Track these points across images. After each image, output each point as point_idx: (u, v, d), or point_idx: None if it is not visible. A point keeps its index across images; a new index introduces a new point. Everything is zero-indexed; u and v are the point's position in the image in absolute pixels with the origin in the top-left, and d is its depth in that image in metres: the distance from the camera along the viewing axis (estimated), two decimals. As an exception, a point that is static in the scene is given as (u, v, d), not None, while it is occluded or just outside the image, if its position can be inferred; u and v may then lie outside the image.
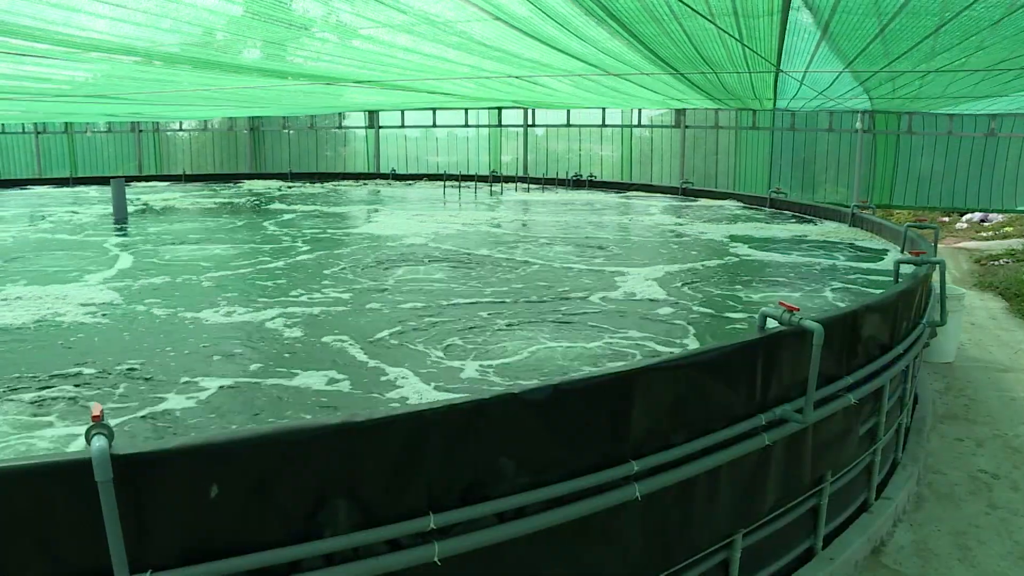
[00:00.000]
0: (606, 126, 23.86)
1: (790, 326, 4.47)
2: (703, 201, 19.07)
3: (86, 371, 6.15)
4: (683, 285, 9.24)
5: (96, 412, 2.73)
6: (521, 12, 6.04)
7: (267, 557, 2.89)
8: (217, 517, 2.87)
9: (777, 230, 14.10)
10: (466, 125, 25.58)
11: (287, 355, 6.54)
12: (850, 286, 9.30)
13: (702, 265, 10.63)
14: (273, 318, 7.70)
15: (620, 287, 9.07)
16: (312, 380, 5.88)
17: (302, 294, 8.79)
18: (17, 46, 6.93)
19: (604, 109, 23.30)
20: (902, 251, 10.32)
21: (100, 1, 5.50)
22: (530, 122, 24.91)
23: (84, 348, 6.81)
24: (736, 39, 7.31)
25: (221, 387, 5.74)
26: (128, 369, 6.16)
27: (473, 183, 22.91)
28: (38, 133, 27.92)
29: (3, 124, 27.48)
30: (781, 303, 4.57)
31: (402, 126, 26.43)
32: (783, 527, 4.89)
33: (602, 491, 3.64)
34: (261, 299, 8.53)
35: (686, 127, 22.76)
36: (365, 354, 6.54)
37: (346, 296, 8.69)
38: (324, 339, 6.95)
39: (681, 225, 14.80)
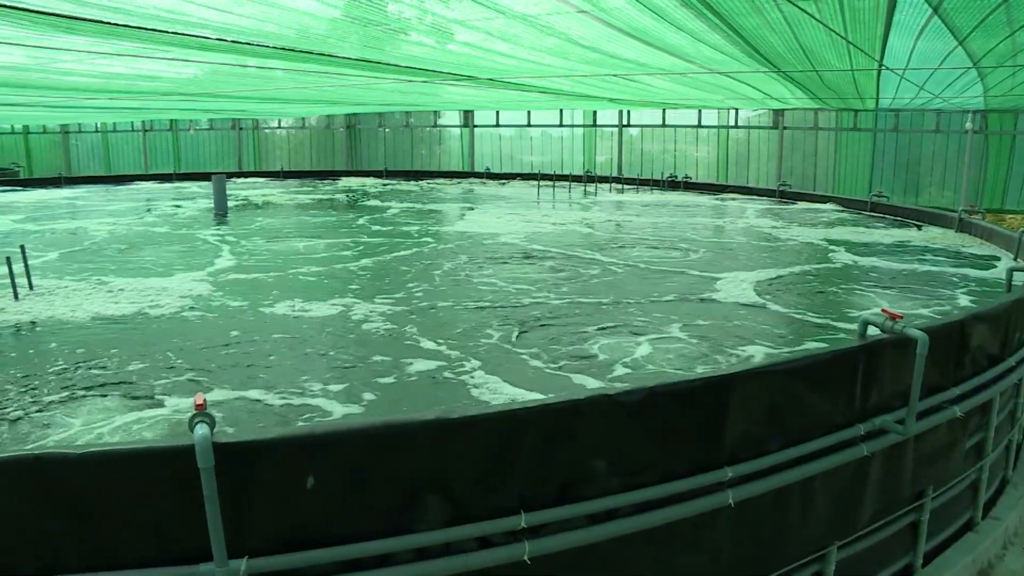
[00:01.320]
0: (702, 127, 23.56)
1: (892, 334, 4.32)
2: (801, 204, 18.60)
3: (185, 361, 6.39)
4: (780, 290, 9.04)
5: (199, 401, 2.83)
6: (619, 7, 6.01)
7: (360, 549, 2.95)
8: (313, 507, 2.94)
9: (879, 235, 13.64)
10: (560, 125, 25.59)
11: (419, 350, 6.66)
12: (957, 294, 8.93)
13: (799, 270, 10.38)
14: (379, 312, 7.86)
15: (717, 291, 8.93)
16: (474, 379, 6.00)
17: (404, 289, 8.95)
18: (132, 48, 7.26)
19: (700, 110, 23.00)
20: (1015, 258, 9.86)
21: (208, 7, 5.71)
22: (625, 122, 24.77)
23: (188, 337, 7.07)
24: (840, 35, 7.11)
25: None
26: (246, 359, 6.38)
27: (567, 183, 22.90)
28: (145, 131, 29.35)
29: (115, 123, 28.93)
30: (884, 310, 4.42)
31: (497, 125, 26.61)
32: (880, 542, 4.74)
33: (695, 496, 3.59)
34: (364, 293, 8.72)
35: (784, 128, 22.26)
36: (490, 348, 6.64)
37: (448, 292, 8.80)
38: (447, 335, 7.06)
39: (778, 228, 14.46)
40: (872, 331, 4.43)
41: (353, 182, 25.12)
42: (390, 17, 6.56)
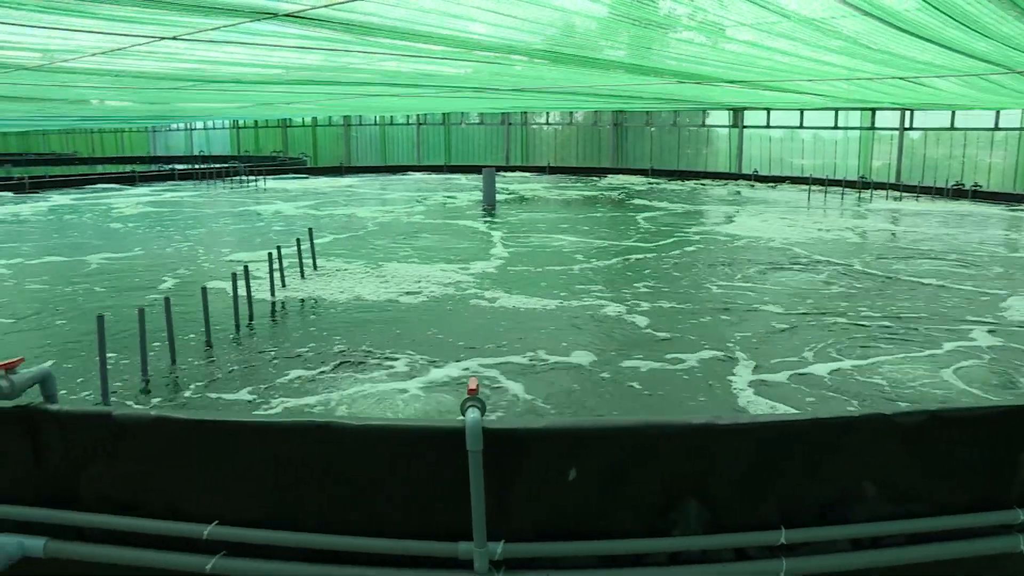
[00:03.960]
0: (999, 129, 21.31)
1: None
2: (1120, 219, 16.41)
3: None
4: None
5: (472, 386, 2.98)
6: (914, 13, 5.58)
7: (616, 546, 2.96)
8: (572, 500, 2.99)
9: None
10: (835, 127, 24.27)
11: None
12: None
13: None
14: (649, 311, 7.93)
15: (1006, 312, 8.11)
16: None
17: (674, 290, 8.98)
18: (417, 48, 7.77)
19: (998, 111, 20.82)
20: None
21: (484, 10, 6.00)
22: (906, 124, 23.02)
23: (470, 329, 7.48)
24: None
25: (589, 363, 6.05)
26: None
27: (840, 188, 21.74)
28: (419, 124, 31.48)
29: (391, 116, 31.24)
30: None
31: (767, 126, 25.72)
32: None
33: (976, 535, 3.30)
34: (633, 292, 8.82)
35: (1106, 131, 19.67)
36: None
37: (720, 294, 8.73)
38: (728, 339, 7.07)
39: (1088, 246, 12.86)
40: None
41: (618, 180, 25.38)
42: (661, 15, 6.53)
